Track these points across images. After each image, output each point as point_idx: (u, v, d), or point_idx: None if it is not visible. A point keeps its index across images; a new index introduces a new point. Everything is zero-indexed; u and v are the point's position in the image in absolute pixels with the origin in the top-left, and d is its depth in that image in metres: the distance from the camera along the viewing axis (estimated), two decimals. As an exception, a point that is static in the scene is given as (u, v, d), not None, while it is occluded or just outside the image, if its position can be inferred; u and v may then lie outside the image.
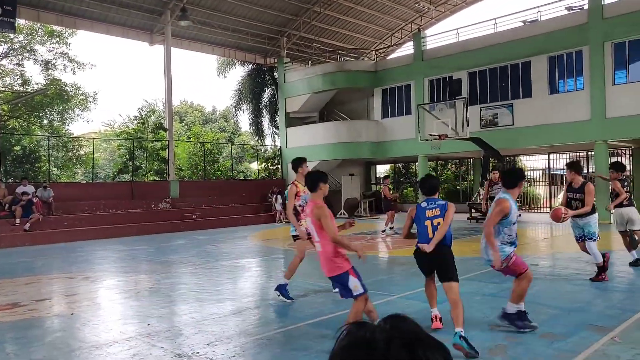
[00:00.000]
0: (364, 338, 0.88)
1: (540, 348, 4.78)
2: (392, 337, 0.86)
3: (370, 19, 29.55)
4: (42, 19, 22.12)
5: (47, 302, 7.70)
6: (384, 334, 0.87)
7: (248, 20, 25.99)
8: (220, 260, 11.68)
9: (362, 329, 0.90)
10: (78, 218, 18.43)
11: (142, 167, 25.32)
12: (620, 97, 17.47)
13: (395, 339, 0.86)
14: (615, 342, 4.85)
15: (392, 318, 0.92)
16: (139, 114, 28.35)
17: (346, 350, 0.88)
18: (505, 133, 20.08)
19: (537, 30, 19.51)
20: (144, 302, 7.46)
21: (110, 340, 5.47)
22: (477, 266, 9.53)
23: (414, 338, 0.87)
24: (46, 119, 29.32)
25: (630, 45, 17.40)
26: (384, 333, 0.87)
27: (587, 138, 18.26)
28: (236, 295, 7.96)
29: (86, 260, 12.41)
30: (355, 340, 0.88)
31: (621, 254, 11.08)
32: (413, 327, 0.91)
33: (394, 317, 0.93)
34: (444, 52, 22.30)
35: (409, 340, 0.86)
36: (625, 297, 6.75)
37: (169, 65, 23.54)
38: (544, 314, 5.99)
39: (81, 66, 29.06)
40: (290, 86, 27.01)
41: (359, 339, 0.88)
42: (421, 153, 22.47)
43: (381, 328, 0.89)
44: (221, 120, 51.25)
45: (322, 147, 24.99)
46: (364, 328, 0.90)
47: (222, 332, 5.64)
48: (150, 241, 16.56)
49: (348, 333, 0.90)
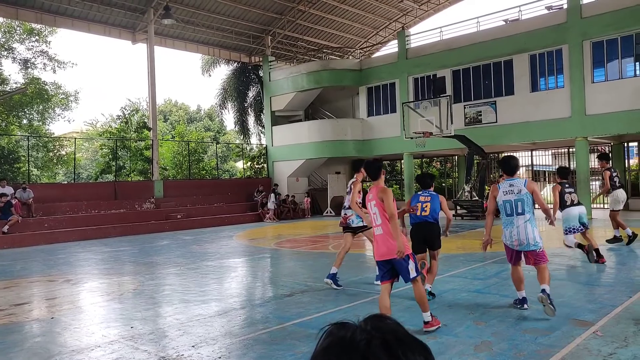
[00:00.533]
0: (344, 339, 0.87)
1: (525, 343, 4.82)
2: (372, 338, 0.86)
3: (355, 18, 29.58)
4: (20, 17, 21.74)
5: (26, 306, 7.56)
6: (364, 334, 0.86)
7: (232, 18, 25.85)
8: (206, 260, 11.60)
9: (343, 329, 0.89)
10: (59, 219, 18.16)
11: (125, 167, 25.07)
12: (599, 94, 17.74)
13: (375, 340, 0.85)
14: (597, 337, 4.90)
15: (372, 318, 0.91)
16: (122, 113, 28.09)
17: (327, 351, 0.87)
18: (488, 130, 20.25)
19: (518, 29, 19.71)
20: (127, 304, 7.37)
21: (92, 344, 5.39)
22: (462, 263, 9.60)
23: (394, 338, 0.86)
24: (26, 118, 28.89)
25: (608, 44, 17.68)
26: (364, 333, 0.87)
27: (568, 135, 18.50)
28: (222, 296, 7.90)
29: (67, 263, 12.24)
30: (335, 341, 0.87)
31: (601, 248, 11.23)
32: (393, 327, 0.90)
33: (374, 317, 0.92)
34: (428, 51, 22.41)
35: (389, 341, 0.85)
36: (606, 291, 6.83)
37: (153, 64, 23.32)
38: (528, 309, 6.04)
39: (62, 65, 28.75)
40: (276, 85, 26.94)
41: (340, 340, 0.87)
42: (406, 151, 22.56)
43: (361, 328, 0.88)
44: (206, 119, 50.99)
45: (308, 146, 24.97)
46: (344, 329, 0.89)
47: (207, 334, 5.59)
48: (134, 242, 16.40)
49: (329, 334, 0.89)
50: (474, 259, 9.96)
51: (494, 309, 6.14)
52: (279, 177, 26.47)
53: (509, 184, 5.87)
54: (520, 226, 5.72)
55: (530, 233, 5.70)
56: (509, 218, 5.83)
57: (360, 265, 10.17)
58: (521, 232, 5.71)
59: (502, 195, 5.87)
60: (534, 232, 5.71)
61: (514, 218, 5.77)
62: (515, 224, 5.76)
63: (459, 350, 4.73)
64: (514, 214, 5.77)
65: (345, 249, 7.87)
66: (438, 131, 18.01)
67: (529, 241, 5.71)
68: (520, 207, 5.73)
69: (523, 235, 5.71)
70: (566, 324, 5.38)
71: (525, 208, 5.72)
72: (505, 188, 5.87)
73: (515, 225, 5.75)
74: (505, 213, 5.87)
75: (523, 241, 5.74)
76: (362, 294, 7.32)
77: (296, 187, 26.23)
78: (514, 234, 5.78)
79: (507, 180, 5.93)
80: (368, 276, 8.79)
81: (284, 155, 26.39)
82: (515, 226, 5.75)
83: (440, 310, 6.14)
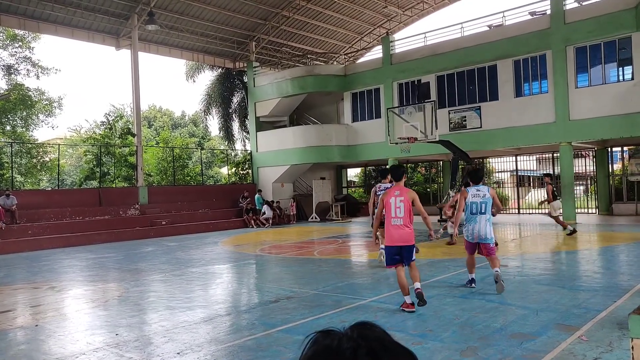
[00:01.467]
0: (330, 347, 0.86)
1: (510, 348, 4.85)
2: (358, 346, 0.85)
3: (340, 23, 29.69)
4: (3, 23, 21.49)
5: (10, 313, 7.45)
6: (350, 342, 0.86)
7: (216, 24, 25.80)
8: (191, 267, 11.52)
9: (329, 337, 0.88)
10: (43, 226, 17.93)
11: (109, 173, 24.84)
12: (582, 99, 17.95)
13: (362, 348, 0.85)
14: (582, 341, 4.95)
15: (358, 326, 0.91)
16: (106, 119, 27.85)
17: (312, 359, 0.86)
18: (473, 135, 20.40)
19: (502, 35, 19.91)
20: (112, 311, 7.29)
21: (76, 352, 5.32)
22: (447, 269, 9.65)
23: (380, 346, 0.86)
24: (9, 124, 28.51)
25: (592, 49, 17.90)
26: (350, 342, 0.86)
27: (552, 140, 18.70)
28: (207, 302, 7.85)
29: (52, 270, 12.08)
30: (321, 350, 0.87)
31: (585, 253, 11.38)
32: (380, 334, 0.89)
33: (360, 325, 0.91)
34: (413, 56, 22.54)
35: (375, 349, 0.85)
36: (591, 296, 6.91)
37: (137, 70, 23.17)
38: (513, 314, 6.09)
39: (45, 71, 28.44)
40: (260, 90, 26.91)
41: (325, 348, 0.87)
42: (391, 156, 22.63)
43: (348, 336, 0.88)
44: (190, 125, 50.75)
45: (293, 151, 24.96)
46: (330, 337, 0.88)
47: (192, 340, 5.55)
48: (119, 248, 16.24)
49: (314, 342, 0.89)
50: (459, 265, 10.01)
51: (480, 314, 6.17)
52: (264, 182, 26.41)
53: (477, 189, 7.38)
54: (482, 223, 7.21)
55: (488, 229, 7.23)
56: (473, 216, 7.30)
57: (345, 271, 10.18)
58: (481, 228, 7.21)
59: (470, 197, 7.32)
60: (490, 229, 7.26)
61: (477, 216, 7.24)
62: (477, 221, 7.24)
63: (445, 355, 4.76)
64: (478, 213, 7.25)
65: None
66: (423, 136, 18.10)
67: (486, 235, 7.23)
68: (484, 208, 7.23)
69: (483, 231, 7.21)
70: (551, 328, 5.43)
71: (487, 209, 7.24)
72: (473, 192, 7.36)
73: (478, 222, 7.23)
74: (470, 212, 7.30)
75: (482, 235, 7.24)
76: (347, 299, 7.33)
77: (281, 192, 26.19)
78: (475, 229, 7.26)
79: (474, 187, 7.43)
80: (354, 282, 8.81)
81: (269, 161, 26.35)
82: (477, 222, 7.23)
83: (426, 316, 6.17)
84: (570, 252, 11.67)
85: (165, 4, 23.31)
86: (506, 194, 28.08)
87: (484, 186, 7.47)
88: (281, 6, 26.25)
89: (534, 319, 5.83)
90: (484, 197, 7.26)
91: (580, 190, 23.03)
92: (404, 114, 19.18)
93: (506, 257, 10.94)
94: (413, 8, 29.76)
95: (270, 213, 23.53)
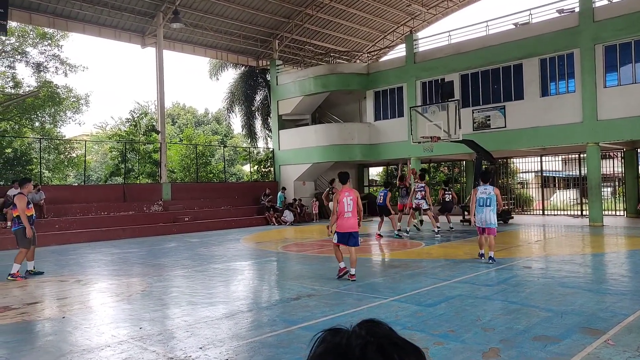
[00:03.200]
0: (340, 345, 0.87)
1: (533, 351, 4.78)
2: (367, 343, 0.86)
3: (363, 22, 29.60)
4: (34, 21, 21.97)
5: (38, 305, 7.63)
6: (359, 339, 0.87)
7: (240, 22, 25.96)
8: (213, 263, 11.63)
9: (338, 335, 0.89)
10: (69, 221, 18.30)
11: (134, 170, 25.20)
12: (611, 99, 17.57)
13: (371, 345, 0.85)
14: (609, 345, 4.86)
15: (366, 323, 0.92)
16: (131, 116, 28.25)
17: (322, 358, 0.87)
18: (497, 135, 20.16)
19: (528, 33, 19.60)
20: (136, 305, 7.41)
21: (102, 344, 5.42)
22: (469, 269, 9.56)
23: (389, 342, 0.87)
24: (38, 121, 29.14)
25: (621, 48, 17.50)
26: (360, 339, 0.87)
27: (579, 140, 18.35)
28: (229, 298, 7.92)
29: (78, 263, 12.32)
30: (331, 347, 0.88)
31: (612, 256, 11.16)
32: (388, 331, 0.90)
33: (368, 322, 0.92)
34: (436, 55, 22.36)
35: (384, 345, 0.86)
36: (618, 300, 6.77)
37: (161, 68, 23.46)
38: (537, 316, 6.00)
39: (73, 68, 28.93)
40: (283, 88, 26.99)
41: (335, 346, 0.87)
42: (414, 155, 22.51)
43: (356, 334, 0.88)
44: (213, 123, 51.14)
45: (315, 150, 24.99)
46: (339, 334, 0.89)
47: (214, 336, 5.61)
48: (142, 244, 16.47)
49: (322, 340, 0.90)
50: (481, 265, 9.92)
51: (502, 315, 6.10)
52: (286, 180, 26.49)
53: (484, 188, 10.18)
54: (487, 213, 10.00)
55: (491, 217, 9.99)
56: (481, 207, 10.08)
57: (366, 270, 10.16)
58: (486, 216, 10.01)
59: (479, 194, 10.16)
60: (493, 217, 10.00)
61: (484, 208, 10.03)
62: (484, 211, 10.02)
63: (467, 356, 4.71)
64: (484, 205, 10.05)
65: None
66: (446, 136, 17.94)
67: (490, 221, 10.00)
68: (489, 202, 10.01)
69: (488, 218, 10.00)
70: (576, 332, 5.33)
71: (491, 203, 10.00)
72: (481, 190, 10.19)
73: (484, 212, 10.02)
74: (479, 204, 10.09)
75: (487, 221, 10.01)
76: (368, 298, 7.31)
77: (303, 191, 26.25)
78: (482, 217, 10.05)
79: (483, 186, 10.24)
80: (374, 281, 8.79)
81: (291, 159, 26.42)
82: (484, 212, 10.02)
83: (448, 317, 6.12)
84: (596, 255, 11.46)
85: (190, 3, 23.56)
86: (530, 195, 27.68)
87: (491, 186, 10.20)
88: (305, 4, 26.28)
89: (559, 321, 5.73)
90: (489, 194, 10.05)
91: (607, 192, 22.57)
92: (427, 113, 19.03)
93: (530, 259, 10.79)
94: (437, 6, 29.49)
95: (291, 217, 23.61)
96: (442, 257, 11.59)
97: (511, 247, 12.83)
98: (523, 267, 9.72)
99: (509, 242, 13.90)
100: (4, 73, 27.52)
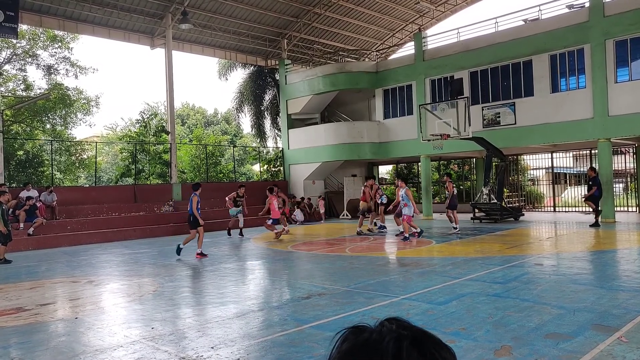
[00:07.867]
0: (369, 340, 0.85)
1: (546, 348, 4.75)
2: (401, 337, 0.84)
3: (371, 20, 29.54)
4: (44, 24, 22.16)
5: (51, 306, 7.70)
6: (393, 333, 0.84)
7: (249, 22, 26.01)
8: (223, 262, 11.68)
9: (365, 332, 0.87)
10: (81, 222, 18.45)
11: (144, 170, 25.34)
12: (622, 94, 17.40)
13: (405, 338, 0.83)
14: (622, 342, 4.82)
15: (394, 319, 0.90)
16: (141, 117, 28.39)
17: (352, 354, 0.84)
18: (507, 132, 20.04)
19: (538, 29, 19.46)
20: (147, 305, 7.45)
21: (114, 344, 5.47)
22: (481, 266, 9.51)
23: (424, 335, 0.85)
24: (49, 123, 29.37)
25: (632, 43, 17.31)
26: (393, 333, 0.85)
27: (590, 136, 18.20)
28: (239, 298, 7.94)
29: (89, 264, 12.42)
30: (360, 343, 0.85)
31: (625, 252, 11.06)
32: (418, 327, 0.88)
33: (395, 319, 0.90)
34: (445, 52, 22.27)
35: (418, 338, 0.84)
36: (631, 296, 6.70)
37: (171, 69, 23.58)
38: (549, 313, 5.97)
39: (83, 70, 29.16)
40: (292, 88, 27.02)
41: (365, 342, 0.85)
42: (423, 153, 22.44)
43: (387, 328, 0.86)
44: (223, 123, 51.32)
45: (324, 149, 24.99)
46: (365, 331, 0.87)
47: (225, 335, 5.63)
48: (153, 244, 16.57)
49: (346, 338, 0.87)
50: (493, 263, 9.87)
51: (514, 313, 6.07)
52: (295, 180, 26.52)
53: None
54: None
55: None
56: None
57: (377, 268, 10.14)
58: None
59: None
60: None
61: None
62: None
63: (478, 354, 4.69)
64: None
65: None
66: (456, 133, 17.86)
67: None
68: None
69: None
70: (589, 329, 5.29)
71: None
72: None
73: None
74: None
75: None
76: (379, 297, 7.30)
77: (312, 189, 26.25)
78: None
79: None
80: (385, 279, 8.77)
81: (300, 158, 26.44)
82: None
83: (459, 314, 6.10)
84: (609, 252, 11.35)
85: (198, 3, 23.65)
86: (541, 192, 27.50)
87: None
88: (313, 3, 26.28)
89: (571, 319, 5.69)
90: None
91: (619, 188, 22.36)
92: (436, 111, 18.97)
93: (542, 256, 10.72)
94: (446, 3, 29.38)
95: (301, 216, 23.66)
96: (453, 254, 11.55)
97: (522, 244, 12.75)
98: (534, 264, 9.66)
99: (520, 239, 13.82)
100: (16, 76, 27.79)
